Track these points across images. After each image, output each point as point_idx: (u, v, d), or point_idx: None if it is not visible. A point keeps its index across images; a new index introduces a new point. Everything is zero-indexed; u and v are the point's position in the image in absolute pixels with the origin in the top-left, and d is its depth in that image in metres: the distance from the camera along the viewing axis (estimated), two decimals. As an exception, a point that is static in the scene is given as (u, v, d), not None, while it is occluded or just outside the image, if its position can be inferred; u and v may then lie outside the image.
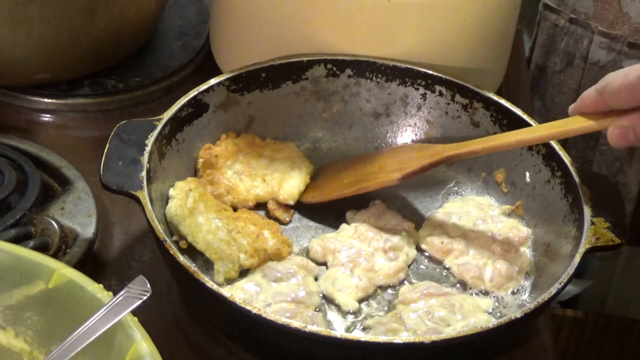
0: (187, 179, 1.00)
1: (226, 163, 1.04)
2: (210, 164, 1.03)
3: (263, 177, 1.04)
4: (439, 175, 1.10)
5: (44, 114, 1.18)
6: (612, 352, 1.65)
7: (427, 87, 1.10)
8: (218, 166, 1.03)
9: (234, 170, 1.04)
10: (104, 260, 1.00)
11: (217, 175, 1.03)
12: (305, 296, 0.94)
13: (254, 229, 0.99)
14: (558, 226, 1.00)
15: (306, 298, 0.94)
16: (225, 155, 1.04)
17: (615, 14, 1.31)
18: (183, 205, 0.96)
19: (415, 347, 0.84)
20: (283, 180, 1.04)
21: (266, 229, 0.99)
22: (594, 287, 1.75)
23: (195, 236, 0.95)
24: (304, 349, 0.86)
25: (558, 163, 1.02)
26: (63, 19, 1.12)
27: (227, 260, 0.94)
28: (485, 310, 0.95)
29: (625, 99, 0.92)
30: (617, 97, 0.93)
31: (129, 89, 1.21)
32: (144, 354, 0.74)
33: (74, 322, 0.77)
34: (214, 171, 1.03)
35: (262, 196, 1.04)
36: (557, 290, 0.89)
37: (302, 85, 1.10)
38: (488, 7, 1.13)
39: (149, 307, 0.77)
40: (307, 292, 0.94)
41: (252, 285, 0.94)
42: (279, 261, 0.97)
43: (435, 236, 1.02)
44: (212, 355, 0.93)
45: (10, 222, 0.98)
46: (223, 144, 1.05)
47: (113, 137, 0.96)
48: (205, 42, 1.28)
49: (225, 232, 0.96)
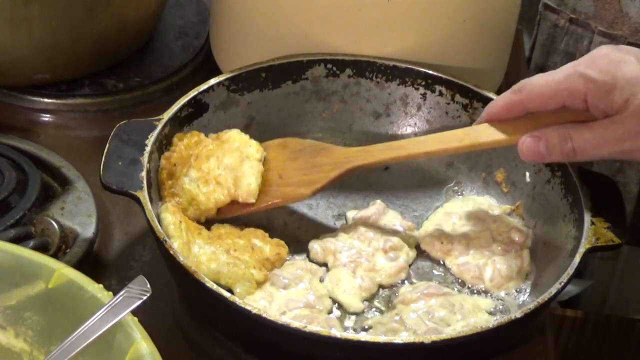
0: (168, 207, 0.95)
1: (182, 171, 0.99)
2: (171, 174, 0.98)
3: (216, 179, 0.99)
4: (439, 175, 1.10)
5: (44, 114, 1.18)
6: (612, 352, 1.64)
7: (427, 87, 1.10)
8: (176, 175, 0.98)
9: (190, 177, 0.98)
10: (104, 260, 1.00)
11: (177, 187, 0.98)
12: (316, 300, 0.94)
13: (243, 241, 0.97)
14: (558, 226, 1.00)
15: (317, 302, 0.94)
16: (181, 162, 0.99)
17: (615, 14, 1.31)
18: (182, 242, 0.93)
19: (415, 347, 0.84)
20: (237, 177, 0.99)
21: (253, 237, 0.98)
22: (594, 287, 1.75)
23: (199, 268, 0.92)
24: (304, 349, 0.86)
25: (558, 163, 1.01)
26: (63, 19, 1.12)
27: (244, 281, 0.94)
28: (485, 310, 0.95)
29: (546, 97, 0.91)
30: (538, 95, 0.92)
31: (129, 89, 1.21)
32: (144, 354, 0.74)
33: (74, 322, 0.77)
34: (174, 181, 0.98)
35: (222, 200, 0.98)
36: (557, 290, 0.89)
37: (302, 85, 1.10)
38: (488, 7, 1.13)
39: (149, 307, 0.77)
40: (317, 295, 0.94)
41: (263, 295, 0.93)
42: (281, 264, 0.97)
43: (435, 236, 1.02)
44: (212, 355, 0.93)
45: (10, 222, 0.98)
46: (177, 150, 0.99)
47: (113, 137, 0.96)
48: (205, 42, 1.28)
49: (224, 254, 0.95)
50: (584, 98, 0.90)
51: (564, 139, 0.91)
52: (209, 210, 0.98)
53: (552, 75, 0.92)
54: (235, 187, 0.99)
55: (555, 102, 0.92)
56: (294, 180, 1.01)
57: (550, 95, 0.91)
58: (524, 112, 0.95)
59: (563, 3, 1.37)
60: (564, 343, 1.63)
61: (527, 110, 0.94)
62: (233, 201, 0.99)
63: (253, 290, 0.94)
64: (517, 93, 0.94)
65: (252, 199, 0.99)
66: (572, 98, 0.91)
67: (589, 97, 0.90)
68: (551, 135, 0.92)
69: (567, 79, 0.91)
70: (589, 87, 0.89)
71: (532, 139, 0.93)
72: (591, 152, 0.91)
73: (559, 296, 0.95)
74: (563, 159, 0.94)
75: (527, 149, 0.93)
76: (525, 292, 0.99)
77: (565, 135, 0.91)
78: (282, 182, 1.01)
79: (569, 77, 0.91)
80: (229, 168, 0.99)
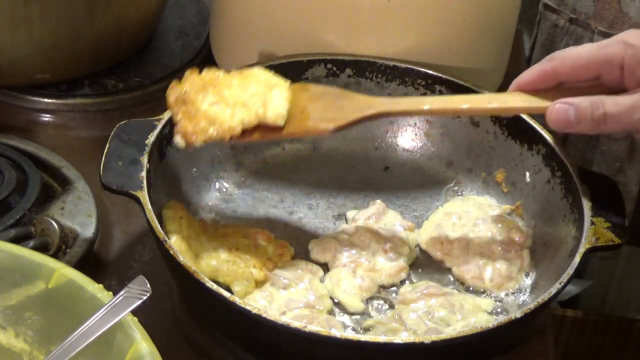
0: (171, 204, 0.96)
1: (198, 97, 0.93)
2: (182, 101, 0.93)
3: (242, 102, 0.93)
4: (439, 175, 1.10)
5: (44, 114, 1.18)
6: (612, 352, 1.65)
7: (427, 87, 1.10)
8: (190, 101, 0.93)
9: (209, 102, 0.93)
10: (104, 260, 1.00)
11: (192, 109, 0.93)
12: (316, 300, 0.94)
13: (247, 241, 0.97)
14: (558, 226, 1.00)
15: (317, 302, 0.94)
16: (194, 89, 0.94)
17: (615, 14, 1.31)
18: (181, 237, 0.93)
19: (415, 347, 0.84)
20: (265, 101, 0.94)
21: (258, 237, 0.98)
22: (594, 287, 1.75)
23: (199, 266, 0.93)
24: (304, 349, 0.86)
25: (558, 163, 1.01)
26: (63, 19, 1.12)
27: (243, 279, 0.94)
28: (485, 310, 0.95)
29: (582, 65, 0.89)
30: (573, 62, 0.89)
31: (129, 89, 1.21)
32: (144, 354, 0.74)
33: (74, 322, 0.77)
34: (188, 106, 0.93)
35: (248, 121, 0.92)
36: (557, 290, 0.89)
37: (302, 85, 1.10)
38: (488, 7, 1.13)
39: (149, 307, 0.77)
40: (317, 295, 0.94)
41: (263, 295, 0.93)
42: (284, 265, 0.97)
43: (435, 236, 1.02)
44: (212, 355, 0.93)
45: (10, 222, 0.98)
46: (189, 80, 0.95)
47: (113, 137, 0.96)
48: (205, 42, 1.28)
49: (225, 252, 0.95)
50: (621, 64, 0.88)
51: (596, 105, 0.88)
52: (234, 128, 0.92)
53: (588, 45, 0.89)
54: (264, 109, 0.93)
55: (590, 71, 0.90)
56: (317, 116, 0.95)
57: (586, 62, 0.89)
58: (555, 82, 0.92)
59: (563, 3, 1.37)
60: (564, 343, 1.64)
61: (559, 81, 0.92)
62: (259, 125, 0.93)
63: (252, 290, 0.94)
64: (551, 61, 0.91)
65: (281, 122, 0.93)
66: (608, 66, 0.89)
67: (626, 62, 0.88)
68: (582, 102, 0.88)
69: (604, 46, 0.89)
70: (627, 52, 0.88)
71: (561, 104, 0.89)
72: (624, 118, 0.88)
73: (559, 296, 0.95)
74: (592, 128, 0.90)
75: (556, 115, 0.89)
76: (525, 292, 0.99)
77: (597, 101, 0.88)
78: (305, 116, 0.95)
79: (606, 44, 0.89)
80: (256, 94, 0.94)
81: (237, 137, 0.93)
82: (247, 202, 1.06)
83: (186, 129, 0.92)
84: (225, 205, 1.05)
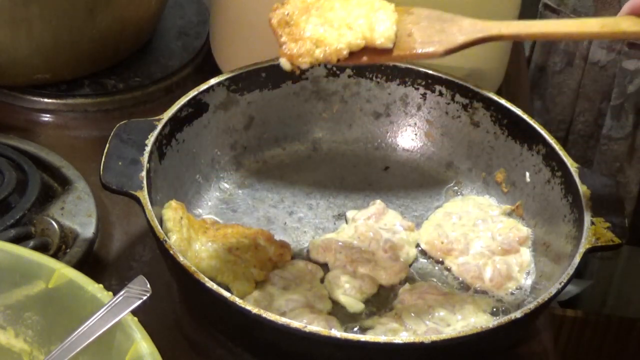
0: (171, 204, 0.96)
1: (301, 19, 0.90)
2: (285, 23, 0.90)
3: (348, 25, 0.90)
4: (439, 175, 1.10)
5: (44, 114, 1.18)
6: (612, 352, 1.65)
7: (427, 87, 1.10)
8: (294, 23, 0.90)
9: (313, 24, 0.90)
10: (104, 260, 1.00)
11: (296, 31, 0.90)
12: (316, 300, 0.94)
13: (248, 241, 0.97)
14: (558, 226, 1.00)
15: (317, 302, 0.94)
16: (298, 11, 0.91)
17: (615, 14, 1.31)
18: (181, 237, 0.93)
19: (415, 347, 0.84)
20: (372, 23, 0.90)
21: (258, 237, 0.99)
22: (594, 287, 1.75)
23: (199, 265, 0.93)
24: (304, 349, 0.86)
25: (558, 163, 1.01)
26: (63, 19, 1.12)
27: (243, 279, 0.94)
28: (485, 310, 0.95)
29: None
30: None
31: (129, 89, 1.21)
32: (144, 354, 0.74)
33: (74, 322, 0.77)
34: (292, 28, 0.90)
35: (356, 43, 0.89)
36: (557, 290, 0.89)
37: (302, 85, 1.10)
38: (488, 7, 1.13)
39: (149, 307, 0.77)
40: (317, 295, 0.94)
41: (263, 295, 0.93)
42: (284, 265, 0.97)
43: (435, 236, 1.02)
44: (212, 355, 0.93)
45: (10, 222, 0.98)
46: (291, 2, 0.92)
47: (113, 137, 0.96)
48: (205, 42, 1.28)
49: (226, 252, 0.95)
50: None
51: None
52: (341, 50, 0.89)
53: None
54: (371, 31, 0.89)
55: None
56: (424, 39, 0.91)
57: None
58: None
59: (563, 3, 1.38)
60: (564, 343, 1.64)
61: None
62: (366, 47, 0.90)
63: (251, 290, 0.94)
64: None
65: (389, 44, 0.89)
66: None
67: None
68: None
69: None
70: None
71: None
72: None
73: (559, 296, 0.95)
74: None
75: None
76: (525, 292, 0.99)
77: None
78: (412, 39, 0.91)
79: None
80: (361, 16, 0.90)
81: (345, 60, 0.90)
82: (247, 202, 1.06)
83: (292, 51, 0.89)
84: (225, 205, 1.05)
